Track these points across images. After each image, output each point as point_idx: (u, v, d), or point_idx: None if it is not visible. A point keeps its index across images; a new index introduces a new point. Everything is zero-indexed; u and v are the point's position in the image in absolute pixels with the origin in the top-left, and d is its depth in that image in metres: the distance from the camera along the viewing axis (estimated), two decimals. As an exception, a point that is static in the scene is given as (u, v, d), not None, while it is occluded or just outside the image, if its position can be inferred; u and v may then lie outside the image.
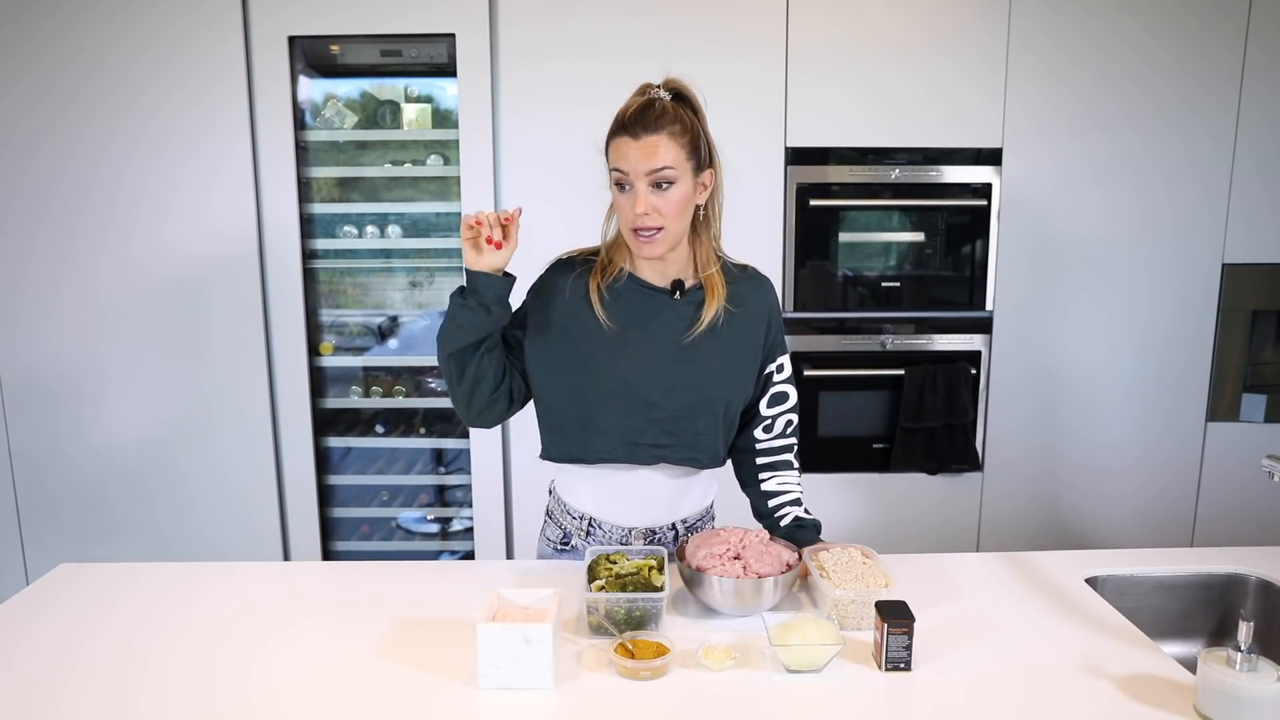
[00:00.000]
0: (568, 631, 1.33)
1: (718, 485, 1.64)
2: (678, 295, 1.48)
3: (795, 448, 1.62)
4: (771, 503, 1.58)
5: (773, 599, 1.36)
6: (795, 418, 1.61)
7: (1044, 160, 2.57)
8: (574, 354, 1.47)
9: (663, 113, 1.36)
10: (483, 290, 1.39)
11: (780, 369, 1.58)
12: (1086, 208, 2.60)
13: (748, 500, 1.64)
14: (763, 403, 1.57)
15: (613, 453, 1.49)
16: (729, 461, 1.62)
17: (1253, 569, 1.59)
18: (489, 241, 1.36)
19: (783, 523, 1.56)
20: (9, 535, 2.67)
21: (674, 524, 1.57)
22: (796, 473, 1.62)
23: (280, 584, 1.54)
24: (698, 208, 1.45)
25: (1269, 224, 2.61)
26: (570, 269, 1.51)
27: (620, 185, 1.40)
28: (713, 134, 1.44)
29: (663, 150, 1.36)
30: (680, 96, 1.42)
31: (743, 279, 1.53)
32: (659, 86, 1.41)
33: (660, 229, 1.39)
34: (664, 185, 1.37)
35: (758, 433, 1.59)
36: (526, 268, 1.50)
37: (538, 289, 1.52)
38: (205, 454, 2.63)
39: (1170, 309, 2.65)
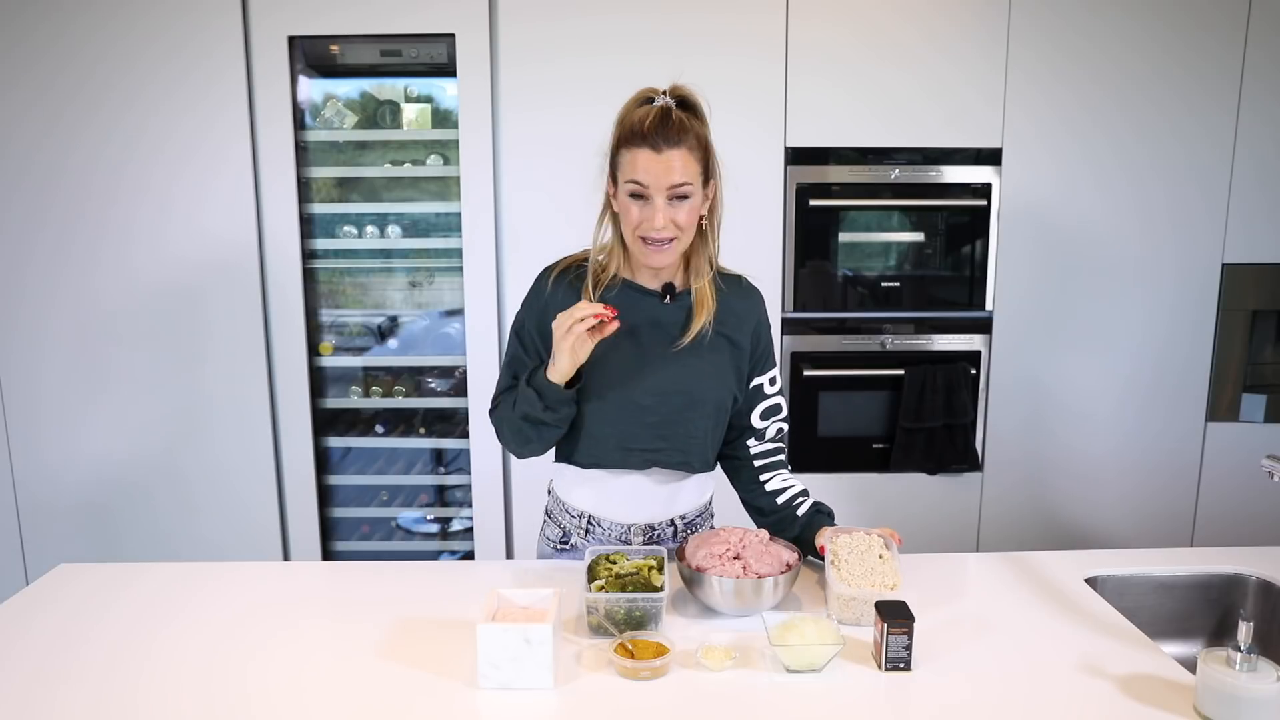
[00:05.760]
0: (568, 631, 1.33)
1: (715, 482, 1.64)
2: (668, 299, 1.49)
3: (785, 450, 1.66)
4: (781, 499, 1.58)
5: (772, 599, 1.36)
6: (785, 426, 1.64)
7: (1044, 160, 2.57)
8: None
9: (681, 126, 1.35)
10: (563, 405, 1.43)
11: (773, 382, 1.59)
12: (1086, 208, 2.60)
13: (751, 503, 1.64)
14: (755, 415, 1.58)
15: (606, 458, 1.51)
16: (722, 469, 1.64)
17: (1253, 569, 1.59)
18: (594, 328, 1.36)
19: (800, 510, 1.56)
20: (9, 535, 2.67)
21: (672, 520, 1.57)
22: (789, 469, 1.63)
23: (280, 584, 1.54)
24: (700, 218, 1.45)
25: (1268, 224, 2.61)
26: (560, 279, 1.50)
27: (635, 196, 1.38)
28: (713, 139, 1.43)
29: (684, 165, 1.36)
30: (686, 104, 1.40)
31: (733, 292, 1.54)
32: (664, 93, 1.39)
33: (674, 239, 1.40)
34: (682, 198, 1.38)
35: (750, 441, 1.60)
36: (525, 267, 1.50)
37: (530, 305, 1.52)
38: (205, 454, 2.63)
39: (1170, 309, 2.65)
